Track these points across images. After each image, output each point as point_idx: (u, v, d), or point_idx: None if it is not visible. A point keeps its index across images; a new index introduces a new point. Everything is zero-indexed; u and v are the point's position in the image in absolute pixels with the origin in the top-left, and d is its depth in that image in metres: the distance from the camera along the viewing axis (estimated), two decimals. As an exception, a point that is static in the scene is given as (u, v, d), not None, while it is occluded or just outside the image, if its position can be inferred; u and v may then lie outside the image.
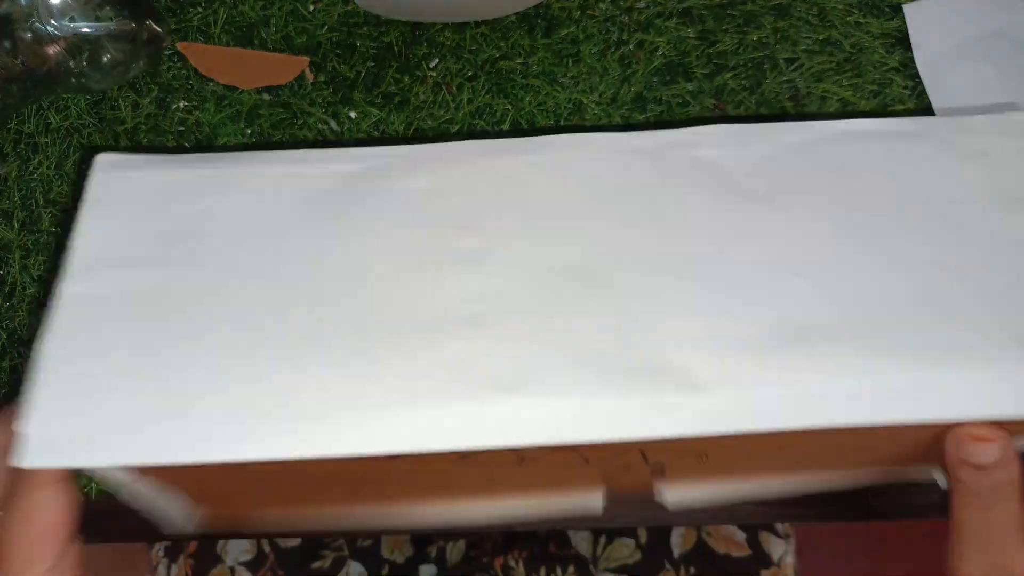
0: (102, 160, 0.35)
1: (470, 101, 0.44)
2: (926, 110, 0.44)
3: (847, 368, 0.31)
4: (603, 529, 0.66)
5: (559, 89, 0.44)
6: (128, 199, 0.34)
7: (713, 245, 0.34)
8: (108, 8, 0.42)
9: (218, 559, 0.71)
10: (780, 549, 0.67)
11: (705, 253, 0.33)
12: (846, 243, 0.34)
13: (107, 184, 0.34)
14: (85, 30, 0.41)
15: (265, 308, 0.32)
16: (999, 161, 0.35)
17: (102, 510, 0.46)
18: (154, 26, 0.43)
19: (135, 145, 0.45)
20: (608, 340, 0.32)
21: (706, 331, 0.32)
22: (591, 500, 0.40)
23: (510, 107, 0.44)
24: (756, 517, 0.47)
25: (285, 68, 0.44)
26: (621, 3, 0.44)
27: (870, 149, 0.35)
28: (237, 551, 0.71)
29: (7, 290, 0.45)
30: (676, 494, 0.39)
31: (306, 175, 0.34)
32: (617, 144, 0.35)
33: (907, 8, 0.44)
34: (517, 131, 0.44)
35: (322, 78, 0.44)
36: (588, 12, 0.44)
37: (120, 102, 0.45)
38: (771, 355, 0.31)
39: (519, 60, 0.44)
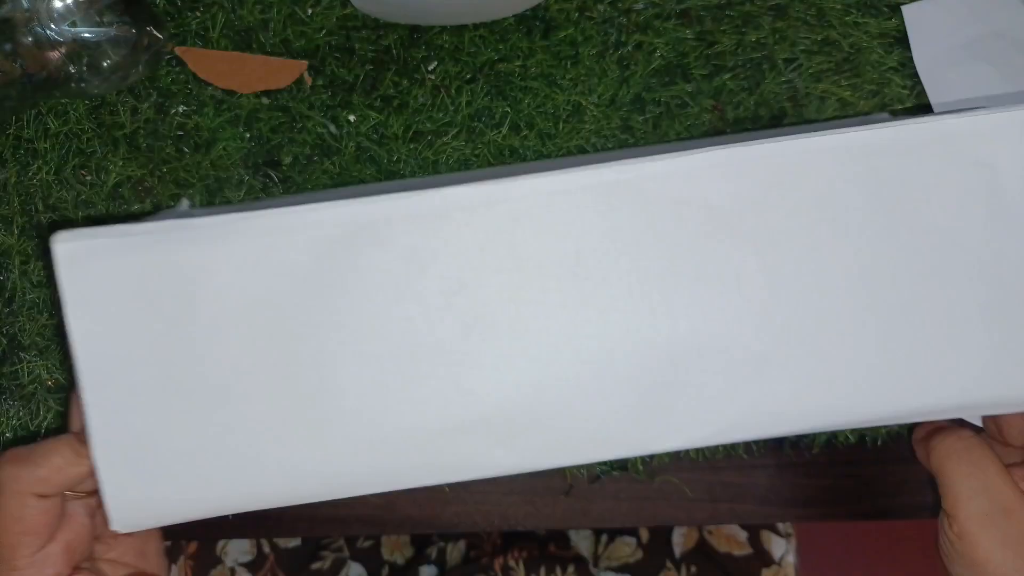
0: (63, 250, 0.33)
1: (469, 103, 0.44)
2: (925, 110, 0.44)
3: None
4: (604, 528, 0.66)
5: (558, 91, 0.44)
6: (110, 295, 0.33)
7: (697, 288, 0.34)
8: (109, 13, 0.42)
9: (218, 560, 0.71)
10: (781, 548, 0.67)
11: (690, 292, 0.34)
12: (830, 278, 0.34)
13: (83, 280, 0.33)
14: (86, 35, 0.41)
15: (271, 376, 0.34)
16: (1004, 173, 0.34)
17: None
18: (155, 32, 0.43)
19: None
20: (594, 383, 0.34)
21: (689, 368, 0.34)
22: None
23: (509, 109, 0.44)
24: (757, 517, 0.47)
25: (284, 72, 0.44)
26: (619, 4, 0.44)
27: (864, 168, 0.34)
28: (237, 552, 0.71)
29: (7, 296, 0.45)
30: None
31: (286, 246, 0.33)
32: (599, 178, 0.34)
33: (906, 8, 0.44)
34: (516, 133, 0.44)
35: (321, 82, 0.44)
36: (586, 14, 0.44)
37: (119, 107, 0.45)
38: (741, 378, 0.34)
39: (518, 62, 0.44)
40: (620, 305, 0.34)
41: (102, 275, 0.33)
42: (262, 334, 0.33)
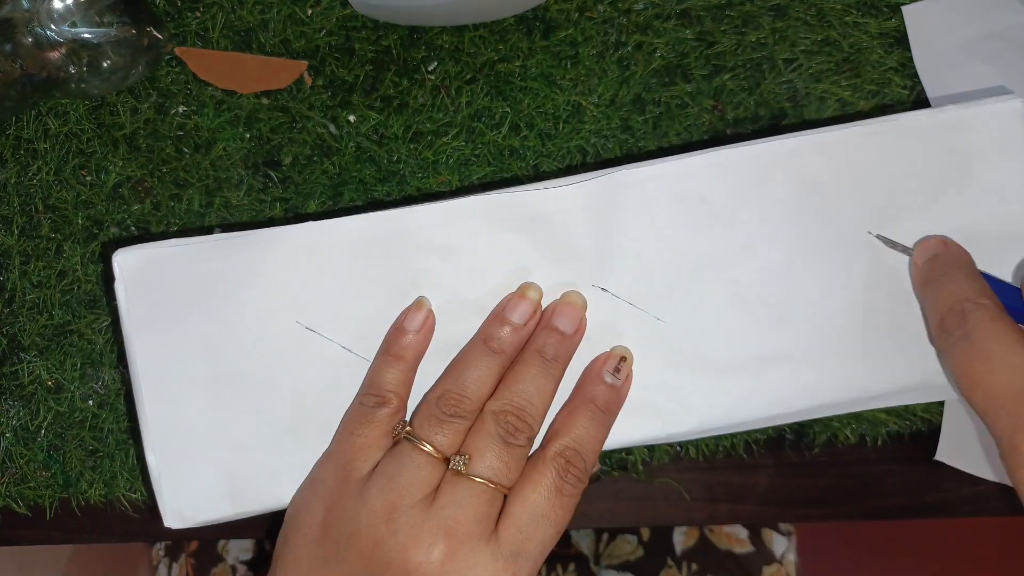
0: (124, 263, 0.36)
1: (469, 104, 0.44)
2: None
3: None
4: (605, 528, 0.66)
5: (558, 91, 0.44)
6: (165, 301, 0.36)
7: (699, 278, 0.36)
8: (109, 14, 0.42)
9: (219, 558, 0.71)
10: (782, 546, 0.67)
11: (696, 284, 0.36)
12: (810, 269, 0.36)
13: (139, 287, 0.36)
14: (86, 36, 0.41)
15: (315, 367, 0.37)
16: (976, 160, 0.36)
17: (102, 510, 0.46)
18: (154, 32, 0.43)
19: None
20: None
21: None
22: None
23: (509, 109, 0.44)
24: (756, 517, 0.47)
25: (284, 72, 0.44)
26: (619, 5, 0.44)
27: (841, 162, 0.36)
28: (238, 550, 0.71)
29: (7, 296, 0.45)
30: None
31: (328, 248, 0.36)
32: (605, 183, 0.36)
33: (906, 9, 0.44)
34: (516, 134, 0.44)
35: (321, 82, 0.44)
36: (586, 14, 0.44)
37: (119, 107, 0.45)
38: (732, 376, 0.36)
39: (517, 63, 0.44)
40: (627, 293, 0.36)
41: (158, 283, 0.36)
42: (306, 329, 0.36)
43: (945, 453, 0.45)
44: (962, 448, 0.45)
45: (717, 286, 0.36)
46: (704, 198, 0.36)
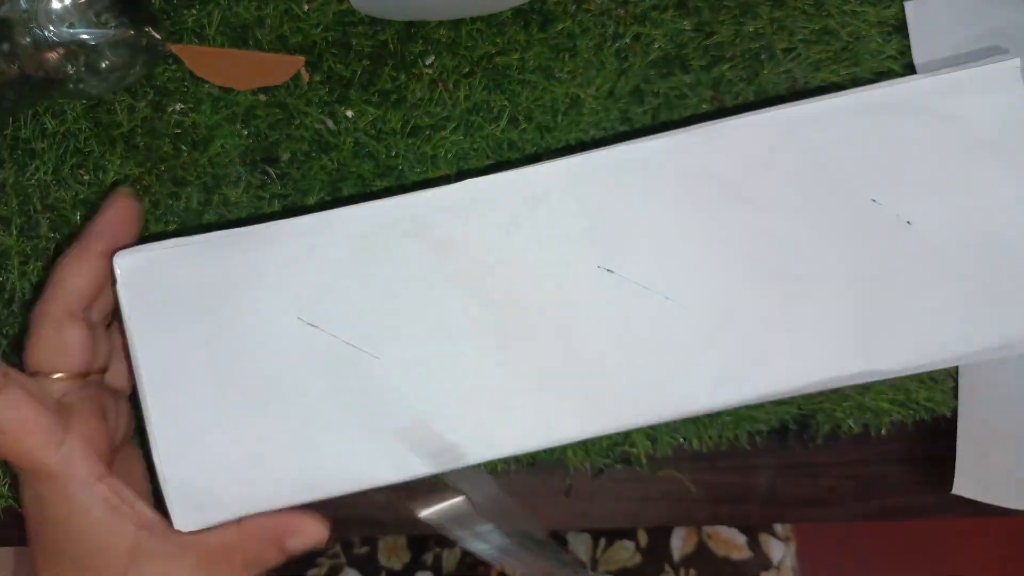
0: (124, 266, 0.36)
1: (467, 97, 0.44)
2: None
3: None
4: (603, 532, 0.66)
5: (556, 84, 0.44)
6: (166, 303, 0.36)
7: (709, 253, 0.36)
8: (107, 15, 0.42)
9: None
10: (780, 552, 0.66)
11: (702, 263, 0.36)
12: (824, 239, 0.36)
13: (141, 291, 0.36)
14: (84, 36, 0.41)
15: (320, 366, 0.36)
16: (975, 125, 0.35)
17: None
18: (153, 33, 0.43)
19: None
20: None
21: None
22: None
23: (507, 103, 0.44)
24: (757, 518, 0.47)
25: (281, 68, 0.44)
26: (616, -3, 0.44)
27: (844, 131, 0.36)
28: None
29: (6, 296, 0.45)
30: None
31: (326, 243, 0.36)
32: (609, 158, 0.36)
33: (908, 6, 0.44)
34: (514, 127, 0.44)
35: (318, 77, 0.44)
36: (583, 6, 0.44)
37: (116, 106, 0.45)
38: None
39: (515, 55, 0.44)
40: (637, 273, 0.36)
41: (158, 285, 0.36)
42: (308, 326, 0.36)
43: (963, 487, 0.43)
44: (982, 479, 0.43)
45: (729, 261, 0.36)
46: (711, 172, 0.35)
